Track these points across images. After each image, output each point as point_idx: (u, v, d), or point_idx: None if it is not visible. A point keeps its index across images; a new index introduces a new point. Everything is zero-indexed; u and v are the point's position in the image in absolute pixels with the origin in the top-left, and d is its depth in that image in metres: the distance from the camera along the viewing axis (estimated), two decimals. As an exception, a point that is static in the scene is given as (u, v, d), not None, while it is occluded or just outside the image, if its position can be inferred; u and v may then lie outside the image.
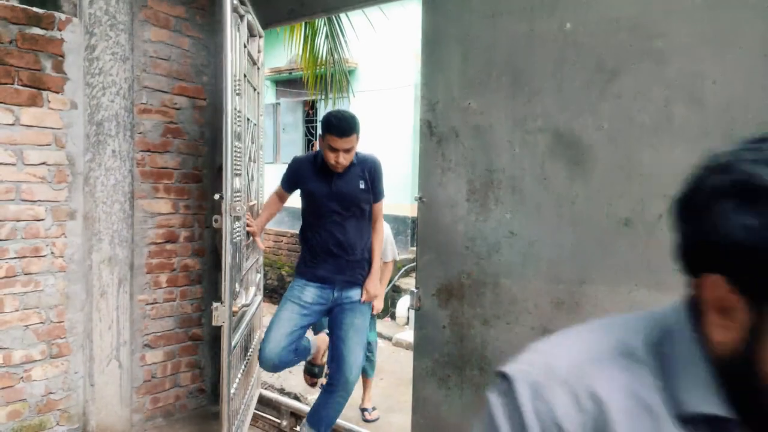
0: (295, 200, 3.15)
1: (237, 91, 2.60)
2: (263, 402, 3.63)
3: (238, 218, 2.66)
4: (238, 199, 2.65)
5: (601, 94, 2.03)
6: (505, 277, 2.30)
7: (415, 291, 2.56)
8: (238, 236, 2.67)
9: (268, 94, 11.28)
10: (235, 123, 2.56)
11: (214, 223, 2.64)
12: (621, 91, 1.99)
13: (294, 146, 11.41)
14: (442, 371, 2.50)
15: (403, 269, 7.18)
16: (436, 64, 2.47)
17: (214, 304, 2.51)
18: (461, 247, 2.43)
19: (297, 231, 3.18)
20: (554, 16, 2.13)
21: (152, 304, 3.31)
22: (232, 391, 2.66)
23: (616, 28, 1.99)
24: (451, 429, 2.49)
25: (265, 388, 4.13)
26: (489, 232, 2.35)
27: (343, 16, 5.51)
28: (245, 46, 2.88)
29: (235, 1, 2.60)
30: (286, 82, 11.48)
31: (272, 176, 4.98)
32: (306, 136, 11.66)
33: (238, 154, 2.68)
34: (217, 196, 2.55)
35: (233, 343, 2.63)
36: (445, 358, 2.48)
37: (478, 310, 2.38)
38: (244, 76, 2.81)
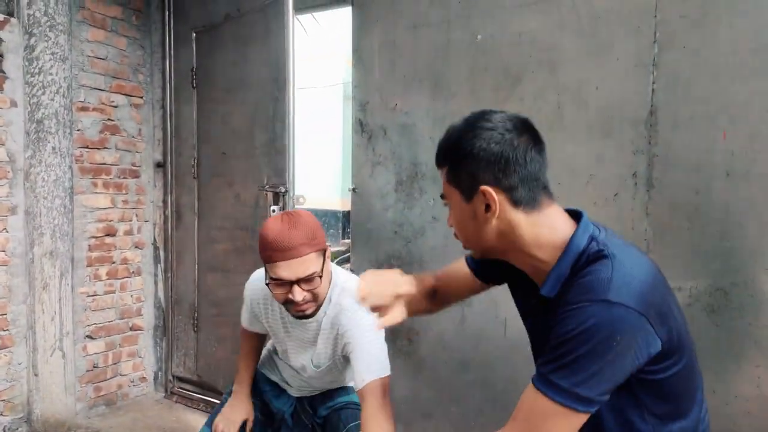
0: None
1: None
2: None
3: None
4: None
5: (507, 96, 2.37)
6: (429, 257, 2.61)
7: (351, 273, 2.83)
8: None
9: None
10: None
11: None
12: (523, 95, 2.33)
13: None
14: (375, 344, 2.77)
15: (336, 261, 7.43)
16: (366, 68, 2.74)
17: None
18: (390, 232, 2.71)
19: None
20: (468, 29, 2.45)
21: (93, 296, 3.41)
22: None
23: (518, 41, 2.34)
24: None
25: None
26: (415, 218, 2.65)
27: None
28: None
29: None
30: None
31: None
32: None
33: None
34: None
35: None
36: (378, 332, 2.76)
37: (406, 287, 2.67)
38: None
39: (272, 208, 3.01)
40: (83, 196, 3.31)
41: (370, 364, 1.62)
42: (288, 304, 1.64)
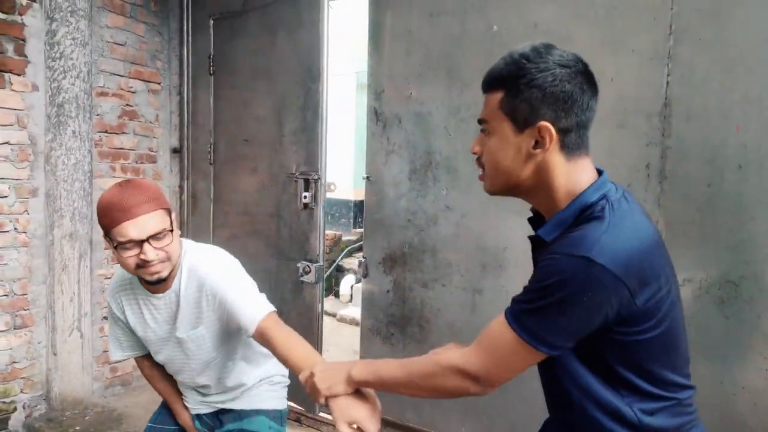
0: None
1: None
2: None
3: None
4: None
5: (521, 87, 2.38)
6: (442, 245, 2.64)
7: (363, 260, 2.87)
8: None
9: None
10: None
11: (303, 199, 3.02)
12: (538, 85, 2.34)
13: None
14: (387, 330, 2.82)
15: (347, 249, 7.47)
16: (382, 56, 2.76)
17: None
18: (404, 221, 2.75)
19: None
20: (484, 18, 2.46)
21: (110, 278, 3.47)
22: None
23: (534, 31, 2.34)
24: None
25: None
26: (428, 206, 2.68)
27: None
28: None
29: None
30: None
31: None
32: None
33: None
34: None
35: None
36: (390, 318, 2.80)
37: (418, 275, 2.71)
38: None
39: (304, 194, 3.05)
40: (102, 179, 3.37)
41: (255, 305, 1.62)
42: (141, 268, 1.53)
